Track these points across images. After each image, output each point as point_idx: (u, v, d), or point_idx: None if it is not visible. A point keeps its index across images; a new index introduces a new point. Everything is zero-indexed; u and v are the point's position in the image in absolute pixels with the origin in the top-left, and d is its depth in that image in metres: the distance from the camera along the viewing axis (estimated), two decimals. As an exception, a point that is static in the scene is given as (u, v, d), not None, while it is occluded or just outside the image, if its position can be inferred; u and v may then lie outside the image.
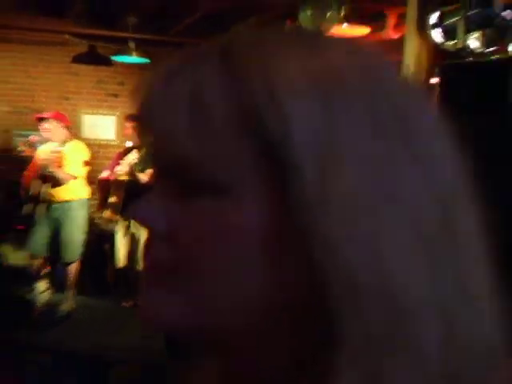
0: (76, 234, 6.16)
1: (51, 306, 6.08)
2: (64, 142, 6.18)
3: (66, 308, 6.08)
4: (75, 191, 6.13)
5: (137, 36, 7.75)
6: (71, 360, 4.83)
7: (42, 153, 6.07)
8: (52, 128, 6.13)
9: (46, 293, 6.18)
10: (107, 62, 8.16)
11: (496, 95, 3.92)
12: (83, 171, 6.21)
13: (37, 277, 6.23)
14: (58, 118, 6.25)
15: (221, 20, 7.59)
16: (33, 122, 7.88)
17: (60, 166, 5.97)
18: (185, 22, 7.60)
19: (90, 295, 6.82)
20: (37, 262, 6.17)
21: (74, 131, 8.29)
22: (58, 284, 6.30)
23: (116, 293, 6.87)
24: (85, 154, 6.25)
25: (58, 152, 5.98)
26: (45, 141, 6.25)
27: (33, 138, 6.44)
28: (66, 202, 6.07)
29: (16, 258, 6.98)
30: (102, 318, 6.13)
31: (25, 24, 7.87)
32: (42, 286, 6.18)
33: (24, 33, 8.20)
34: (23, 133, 7.89)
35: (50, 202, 6.06)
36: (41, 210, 6.11)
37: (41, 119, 6.22)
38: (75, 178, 6.11)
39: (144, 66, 8.21)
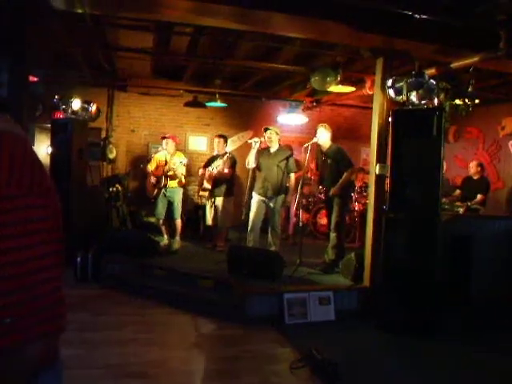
0: (179, 204, 6.08)
1: (168, 246, 6.10)
2: (174, 153, 6.12)
3: (176, 247, 6.10)
4: (179, 182, 6.09)
5: (220, 91, 7.87)
6: (178, 274, 4.91)
7: (171, 161, 5.95)
8: (169, 143, 6.12)
9: (165, 238, 6.21)
10: (203, 106, 8.28)
11: (425, 129, 4.01)
12: (184, 170, 6.15)
13: (161, 229, 6.30)
14: (173, 138, 6.26)
15: (268, 82, 7.79)
16: (160, 140, 8.23)
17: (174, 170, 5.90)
18: (248, 83, 7.70)
19: (189, 240, 6.93)
20: (160, 221, 6.19)
21: (183, 146, 8.66)
22: (171, 233, 6.25)
23: (203, 239, 6.96)
24: (185, 160, 6.10)
25: (177, 163, 5.88)
26: (161, 150, 6.25)
27: (158, 149, 6.41)
28: (174, 188, 6.04)
29: (149, 218, 7.13)
30: (195, 252, 6.19)
31: (158, 84, 8.04)
32: (164, 235, 6.21)
33: (157, 89, 8.29)
34: (155, 145, 8.12)
35: (166, 188, 6.03)
36: (161, 192, 6.05)
37: (164, 138, 6.25)
38: (184, 175, 6.11)
39: (224, 108, 8.43)
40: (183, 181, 6.20)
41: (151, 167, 6.22)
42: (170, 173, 5.99)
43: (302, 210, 5.64)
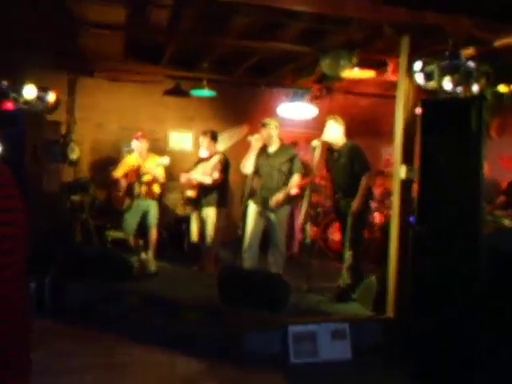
0: (156, 213, 6.19)
1: (143, 267, 6.17)
2: (147, 155, 6.15)
3: (153, 268, 6.12)
4: (156, 190, 6.17)
5: (208, 76, 7.89)
6: (157, 303, 4.93)
7: (148, 165, 6.05)
8: (142, 144, 6.18)
9: (140, 257, 6.27)
10: (187, 95, 8.27)
11: (461, 122, 4.02)
12: (162, 174, 6.18)
13: (132, 247, 6.36)
14: (145, 137, 6.30)
15: (268, 65, 7.84)
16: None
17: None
18: (243, 67, 7.76)
19: (171, 261, 6.92)
20: (131, 238, 6.26)
21: (162, 144, 8.65)
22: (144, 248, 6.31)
23: (188, 259, 6.94)
24: (165, 160, 6.16)
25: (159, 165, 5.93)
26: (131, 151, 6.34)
27: (132, 147, 6.48)
28: (151, 196, 6.11)
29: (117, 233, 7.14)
30: (178, 276, 6.24)
31: (130, 68, 8.05)
32: (142, 254, 6.29)
33: (132, 76, 8.27)
34: (128, 144, 8.02)
35: (140, 198, 6.08)
36: (134, 203, 6.11)
37: (136, 138, 6.31)
38: (163, 181, 6.16)
39: (213, 98, 8.42)
40: (158, 190, 6.26)
41: (118, 173, 6.32)
42: (146, 178, 5.95)
43: (310, 222, 5.64)
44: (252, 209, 5.61)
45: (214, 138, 6.42)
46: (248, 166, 5.59)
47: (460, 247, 3.97)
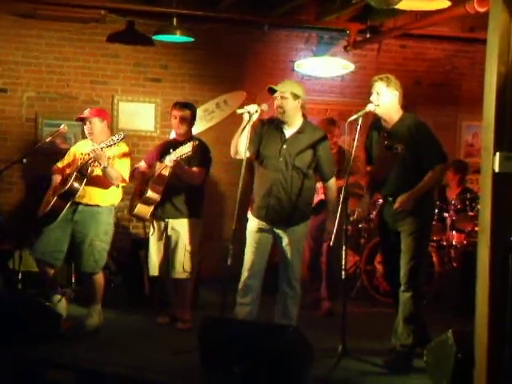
0: (104, 240, 6.17)
1: (78, 321, 6.16)
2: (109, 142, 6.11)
3: (94, 322, 6.11)
4: (110, 195, 6.19)
5: (181, 12, 7.86)
6: (97, 381, 4.93)
7: (89, 147, 6.07)
8: (95, 125, 6.19)
9: (63, 304, 6.26)
10: (147, 42, 8.30)
11: None
12: (128, 166, 6.23)
13: (52, 285, 6.35)
14: (101, 115, 6.32)
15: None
16: (63, 110, 8.10)
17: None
18: None
19: (125, 308, 7.00)
20: (51, 270, 6.21)
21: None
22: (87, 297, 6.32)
23: (152, 305, 6.98)
24: (129, 154, 6.32)
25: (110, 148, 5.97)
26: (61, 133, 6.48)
27: (63, 128, 6.48)
28: (97, 205, 6.11)
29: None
30: (136, 333, 6.22)
31: None
32: (57, 296, 6.27)
33: (53, 8, 8.16)
34: (52, 122, 8.16)
35: (77, 203, 6.07)
36: (63, 209, 6.04)
37: (81, 119, 6.31)
38: (125, 181, 6.19)
39: (188, 45, 8.44)
40: (117, 197, 6.33)
41: (62, 163, 6.45)
42: (96, 172, 6.05)
43: (347, 247, 5.57)
44: (252, 226, 5.63)
45: (191, 113, 6.43)
46: (241, 147, 5.52)
47: None
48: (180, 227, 6.29)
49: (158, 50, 8.67)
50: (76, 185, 5.99)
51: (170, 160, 6.03)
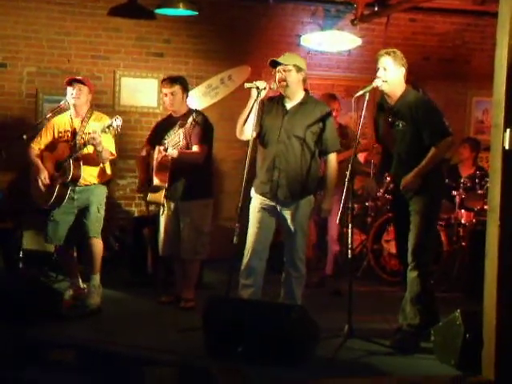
0: (100, 211, 6.26)
1: (80, 299, 6.20)
2: (91, 113, 6.24)
3: (95, 300, 6.13)
4: (101, 171, 6.24)
5: None
6: (100, 360, 4.89)
7: (67, 123, 6.15)
8: (82, 93, 6.16)
9: (77, 284, 6.37)
10: (150, 16, 8.29)
11: None
12: (113, 145, 6.25)
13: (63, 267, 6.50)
14: (91, 87, 6.34)
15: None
16: (65, 86, 8.08)
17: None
18: None
19: (127, 288, 7.02)
20: (73, 252, 6.37)
21: (109, 97, 8.62)
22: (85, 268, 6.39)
23: (155, 285, 7.00)
24: (117, 122, 6.06)
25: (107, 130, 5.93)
26: (63, 109, 6.41)
27: (64, 104, 6.43)
28: (93, 184, 6.18)
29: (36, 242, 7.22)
30: (138, 313, 6.24)
31: None
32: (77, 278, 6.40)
33: None
34: (53, 98, 8.13)
35: (75, 185, 6.10)
36: (65, 195, 6.10)
37: (70, 82, 6.21)
38: (113, 155, 6.23)
39: (192, 19, 8.41)
40: (108, 172, 6.35)
41: (39, 144, 6.35)
42: (86, 151, 6.03)
43: (353, 225, 5.58)
44: (255, 203, 5.63)
45: (185, 88, 6.39)
46: (247, 126, 5.53)
47: None
48: (191, 208, 6.30)
49: (161, 24, 8.65)
50: (78, 172, 6.05)
51: (170, 152, 6.12)
